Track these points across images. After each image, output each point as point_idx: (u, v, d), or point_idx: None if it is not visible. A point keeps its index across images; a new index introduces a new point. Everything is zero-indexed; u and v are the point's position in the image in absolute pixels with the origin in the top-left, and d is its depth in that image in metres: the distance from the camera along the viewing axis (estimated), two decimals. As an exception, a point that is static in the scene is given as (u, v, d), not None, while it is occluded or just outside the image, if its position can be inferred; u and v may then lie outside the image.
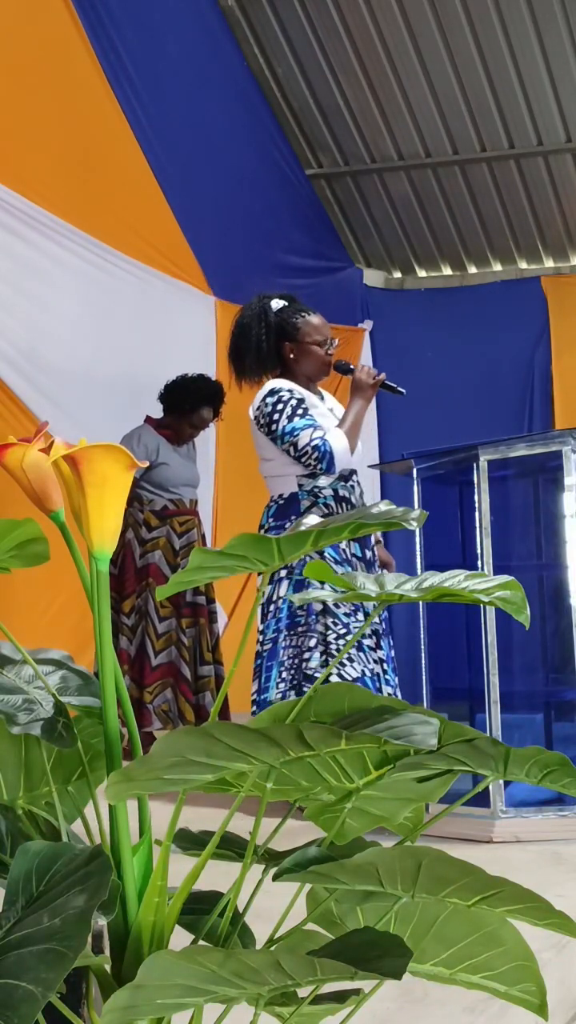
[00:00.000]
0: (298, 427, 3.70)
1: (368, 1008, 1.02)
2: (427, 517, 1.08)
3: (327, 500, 3.74)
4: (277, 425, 3.72)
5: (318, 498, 3.74)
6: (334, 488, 3.75)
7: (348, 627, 3.60)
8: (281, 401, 3.74)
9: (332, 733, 0.95)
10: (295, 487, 3.76)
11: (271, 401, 3.75)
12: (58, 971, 0.77)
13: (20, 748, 1.14)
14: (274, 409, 3.73)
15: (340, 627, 3.60)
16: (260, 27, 6.95)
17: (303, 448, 3.68)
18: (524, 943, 1.06)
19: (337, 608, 3.61)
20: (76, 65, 5.48)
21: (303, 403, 3.76)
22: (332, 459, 3.69)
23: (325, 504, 3.74)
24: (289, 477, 3.78)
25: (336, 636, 3.59)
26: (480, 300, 7.69)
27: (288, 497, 3.78)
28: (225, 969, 0.83)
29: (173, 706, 4.90)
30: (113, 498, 1.02)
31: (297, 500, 3.76)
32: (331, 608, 3.60)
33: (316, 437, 3.68)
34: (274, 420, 3.73)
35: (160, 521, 5.05)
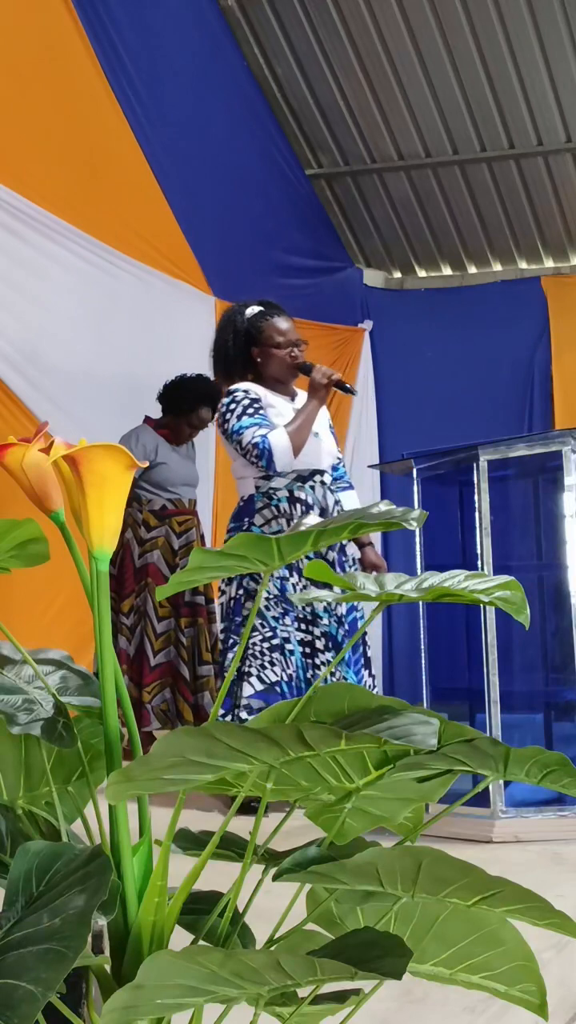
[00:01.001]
0: (244, 426, 3.75)
1: (368, 1008, 1.02)
2: (427, 517, 1.08)
3: (280, 502, 3.77)
4: (228, 424, 3.79)
5: (271, 500, 3.78)
6: (290, 489, 3.78)
7: (275, 631, 3.63)
8: (235, 401, 3.81)
9: (332, 733, 0.95)
10: (252, 488, 3.82)
11: (226, 402, 3.83)
12: (58, 971, 0.77)
13: (20, 748, 1.14)
14: (227, 409, 3.81)
15: (266, 630, 3.63)
16: (260, 27, 6.95)
17: (245, 446, 3.73)
18: (524, 943, 1.06)
19: (267, 611, 3.65)
20: (76, 65, 5.48)
21: (256, 403, 3.80)
22: (271, 456, 3.70)
23: (277, 507, 3.76)
24: (248, 479, 3.84)
25: (261, 639, 3.62)
26: (480, 300, 7.69)
27: (246, 499, 3.84)
28: (225, 969, 0.83)
29: (172, 706, 4.90)
30: (113, 498, 1.02)
31: (253, 501, 3.81)
32: (261, 610, 3.64)
33: (257, 435, 3.72)
34: (226, 419, 3.80)
35: (159, 521, 5.05)
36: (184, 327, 5.97)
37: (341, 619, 3.72)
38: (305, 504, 3.78)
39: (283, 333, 3.92)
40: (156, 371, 5.25)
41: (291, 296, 6.93)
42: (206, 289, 6.26)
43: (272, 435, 3.72)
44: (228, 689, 3.57)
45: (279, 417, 3.81)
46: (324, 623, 3.69)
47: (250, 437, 3.72)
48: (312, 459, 3.83)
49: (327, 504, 3.84)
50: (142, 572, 4.99)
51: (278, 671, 3.59)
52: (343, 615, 3.73)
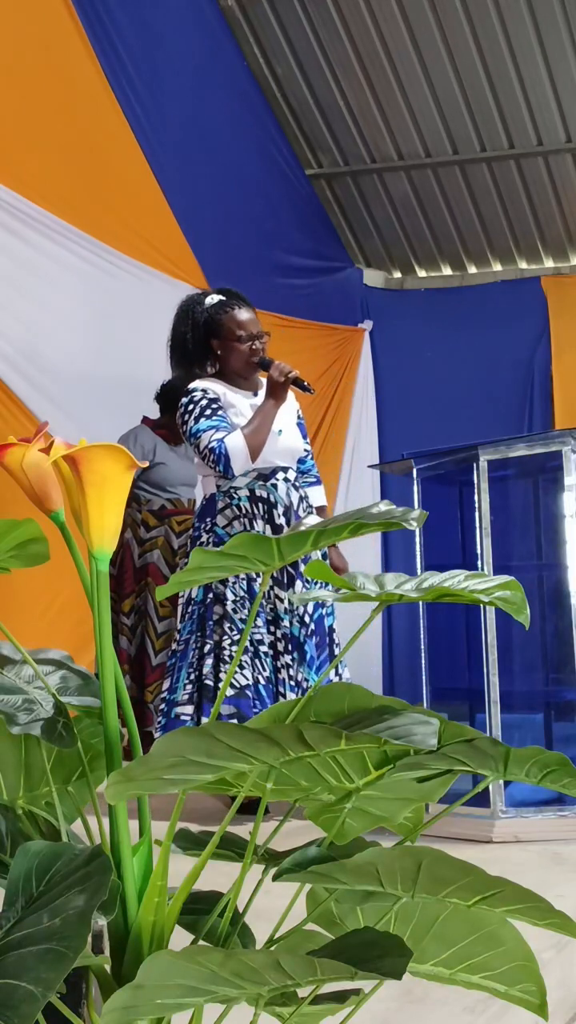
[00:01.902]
0: (201, 428, 3.66)
1: (368, 1008, 1.02)
2: (427, 517, 1.08)
3: (241, 501, 3.69)
4: (186, 426, 3.71)
5: (232, 499, 3.70)
6: (250, 488, 3.69)
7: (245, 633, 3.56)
8: (192, 402, 3.72)
9: (332, 733, 0.95)
10: (214, 488, 3.75)
11: (184, 402, 3.74)
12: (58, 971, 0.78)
13: (20, 748, 1.14)
14: (186, 410, 3.72)
15: (235, 633, 3.56)
16: (260, 27, 6.95)
17: (203, 450, 3.65)
18: (524, 943, 1.06)
19: (235, 614, 3.58)
20: (76, 65, 5.48)
21: (214, 403, 3.70)
22: (228, 461, 3.61)
23: (238, 506, 3.69)
24: (210, 478, 3.76)
25: (231, 642, 3.55)
26: (480, 300, 7.69)
27: (208, 498, 3.77)
28: (225, 969, 0.83)
29: None
30: (113, 498, 1.03)
31: (214, 501, 3.73)
32: (230, 613, 3.57)
33: (214, 440, 3.63)
34: (185, 422, 3.72)
35: (158, 521, 5.06)
36: (184, 327, 5.97)
37: (304, 620, 3.63)
38: (267, 503, 3.68)
39: (243, 326, 3.77)
40: (156, 371, 5.24)
41: (291, 296, 6.94)
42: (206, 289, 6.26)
43: (228, 439, 3.62)
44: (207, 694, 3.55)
45: (239, 417, 3.71)
46: (285, 624, 3.61)
47: (206, 441, 3.63)
48: (273, 456, 3.71)
49: (291, 501, 3.73)
50: (142, 572, 4.99)
51: (249, 674, 3.52)
52: (305, 615, 3.64)
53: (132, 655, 4.92)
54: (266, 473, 3.70)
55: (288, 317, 6.64)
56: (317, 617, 3.68)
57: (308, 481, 3.93)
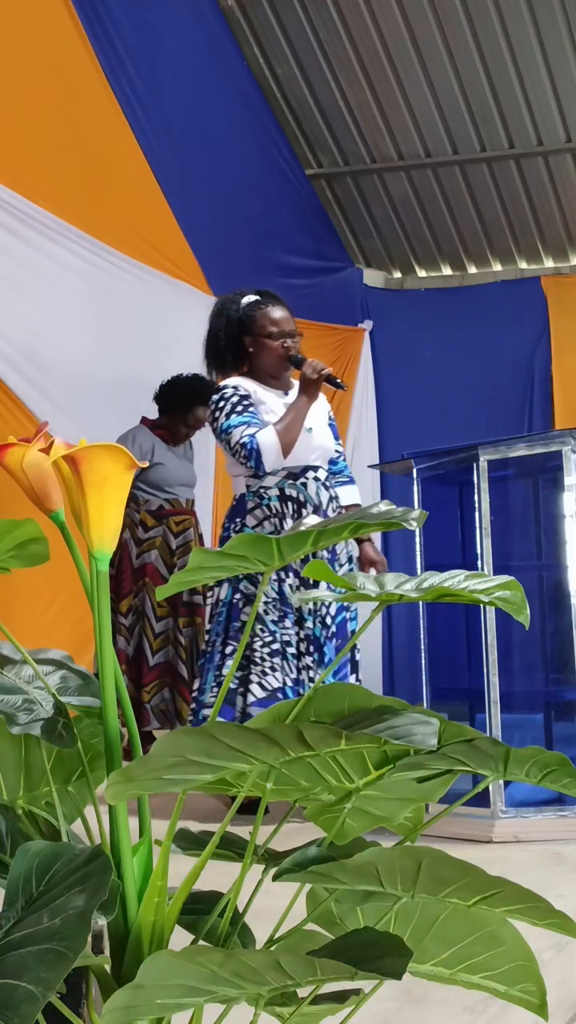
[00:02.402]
0: (232, 424, 3.66)
1: (368, 1008, 1.02)
2: (427, 517, 1.08)
3: (271, 501, 3.67)
4: (218, 423, 3.71)
5: (262, 499, 3.68)
6: (280, 487, 3.68)
7: (274, 635, 3.53)
8: (223, 399, 3.71)
9: (332, 733, 0.95)
10: (243, 487, 3.73)
11: (215, 399, 3.74)
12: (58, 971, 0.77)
13: (20, 748, 1.14)
14: (217, 407, 3.72)
15: (267, 635, 3.54)
16: (260, 27, 6.95)
17: (234, 446, 3.65)
18: (524, 943, 1.06)
19: (266, 615, 3.55)
20: (76, 65, 5.48)
21: (245, 400, 3.70)
22: (259, 457, 3.61)
23: (268, 506, 3.67)
24: (239, 478, 3.75)
25: (262, 644, 3.53)
26: (480, 300, 7.69)
27: (238, 498, 3.75)
28: (225, 969, 0.83)
29: (171, 706, 4.91)
30: (113, 498, 1.03)
31: (244, 501, 3.72)
32: (260, 615, 3.54)
33: (245, 435, 3.62)
34: (216, 418, 3.71)
35: (156, 521, 5.06)
36: (184, 327, 5.96)
37: (326, 621, 3.62)
38: (296, 502, 3.67)
39: (276, 323, 3.78)
40: (156, 371, 5.25)
41: (291, 296, 6.88)
42: (206, 289, 6.26)
43: (260, 434, 3.62)
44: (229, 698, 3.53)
45: (270, 414, 3.71)
46: (308, 626, 3.59)
47: (238, 436, 3.63)
48: (303, 455, 3.70)
49: (321, 501, 3.72)
50: (140, 572, 4.99)
51: (280, 676, 3.49)
52: (327, 617, 3.63)
53: (130, 655, 4.92)
54: (296, 472, 3.69)
55: (288, 317, 6.63)
56: (340, 620, 3.67)
57: (341, 481, 3.91)
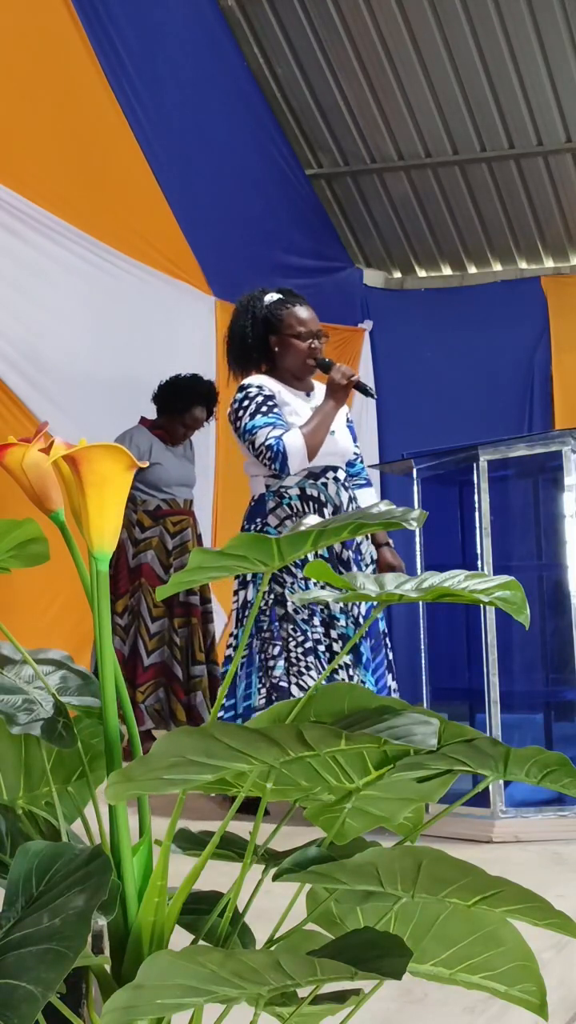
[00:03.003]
0: (257, 425, 3.61)
1: (368, 1008, 1.02)
2: (427, 517, 1.08)
3: (292, 500, 3.65)
4: (241, 423, 3.65)
5: (283, 499, 3.65)
6: (301, 487, 3.66)
7: (306, 634, 3.52)
8: (248, 398, 3.67)
9: (332, 733, 0.95)
10: (263, 488, 3.70)
11: (239, 398, 3.69)
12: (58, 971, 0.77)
13: (20, 748, 1.14)
14: (240, 406, 3.67)
15: (299, 634, 3.52)
16: (260, 27, 6.95)
17: (259, 447, 3.60)
18: (524, 943, 1.06)
19: (296, 615, 3.53)
20: (76, 65, 5.48)
21: (270, 400, 3.66)
22: (285, 460, 3.58)
23: (289, 505, 3.65)
24: (259, 478, 3.71)
25: (296, 644, 3.51)
26: (480, 300, 7.69)
27: (258, 498, 3.72)
28: (225, 969, 0.83)
29: (165, 706, 4.91)
30: (113, 498, 1.03)
31: (264, 501, 3.68)
32: (291, 614, 3.53)
33: (272, 437, 3.58)
34: (239, 417, 3.66)
35: (153, 521, 5.06)
36: (184, 327, 5.97)
37: (358, 620, 3.60)
38: (317, 502, 3.66)
39: (304, 323, 3.76)
40: (156, 371, 5.25)
41: (291, 296, 6.94)
42: (206, 289, 6.26)
43: (287, 437, 3.59)
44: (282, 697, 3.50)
45: (294, 416, 3.68)
46: (341, 624, 3.57)
47: (263, 438, 3.59)
48: (324, 457, 3.69)
49: (341, 501, 3.70)
50: (136, 573, 4.99)
51: (315, 675, 3.48)
52: (360, 616, 3.61)
53: (125, 655, 4.92)
54: (316, 472, 3.67)
55: (288, 317, 6.63)
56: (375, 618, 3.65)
57: (358, 483, 3.90)
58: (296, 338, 3.74)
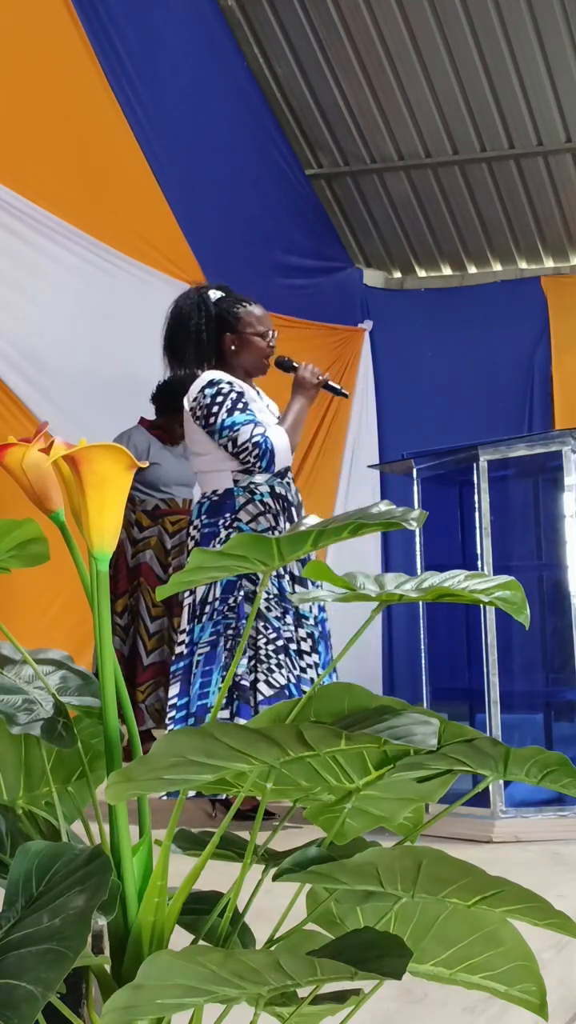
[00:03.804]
0: (238, 422, 3.58)
1: (368, 1008, 1.02)
2: (427, 517, 1.08)
3: (263, 497, 3.63)
4: (216, 418, 3.60)
5: (254, 495, 3.63)
6: (270, 485, 3.65)
7: (279, 632, 3.51)
8: (220, 393, 3.62)
9: (332, 733, 0.95)
10: (230, 483, 3.65)
11: (210, 393, 3.62)
12: (58, 971, 0.77)
13: (20, 748, 1.14)
14: (213, 401, 3.61)
15: (271, 632, 3.51)
16: (260, 27, 6.95)
17: (243, 444, 3.57)
18: (524, 943, 1.06)
19: (268, 612, 3.53)
20: (76, 65, 5.48)
21: (243, 397, 3.64)
22: (272, 457, 3.58)
23: (261, 501, 3.63)
24: (224, 473, 3.66)
25: (266, 641, 3.50)
26: (480, 300, 7.69)
27: (223, 493, 3.66)
28: (225, 969, 0.83)
29: (165, 705, 4.91)
30: (113, 498, 1.03)
31: (232, 496, 3.64)
32: (263, 612, 3.51)
33: (257, 433, 3.57)
34: (212, 413, 3.60)
35: (152, 521, 5.06)
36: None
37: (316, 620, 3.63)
38: (285, 500, 3.66)
39: (261, 321, 3.75)
40: (155, 371, 5.23)
41: (291, 296, 6.94)
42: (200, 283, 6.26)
43: (272, 435, 3.59)
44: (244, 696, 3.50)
45: (261, 413, 3.67)
46: (309, 623, 3.59)
47: (248, 435, 3.56)
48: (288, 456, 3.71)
49: (299, 500, 3.75)
50: (135, 572, 4.99)
51: (285, 673, 3.48)
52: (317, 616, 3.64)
53: (125, 655, 4.92)
54: (281, 471, 3.68)
55: (288, 317, 6.63)
56: (322, 619, 3.67)
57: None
58: (257, 336, 3.73)
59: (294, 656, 3.55)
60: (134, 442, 5.08)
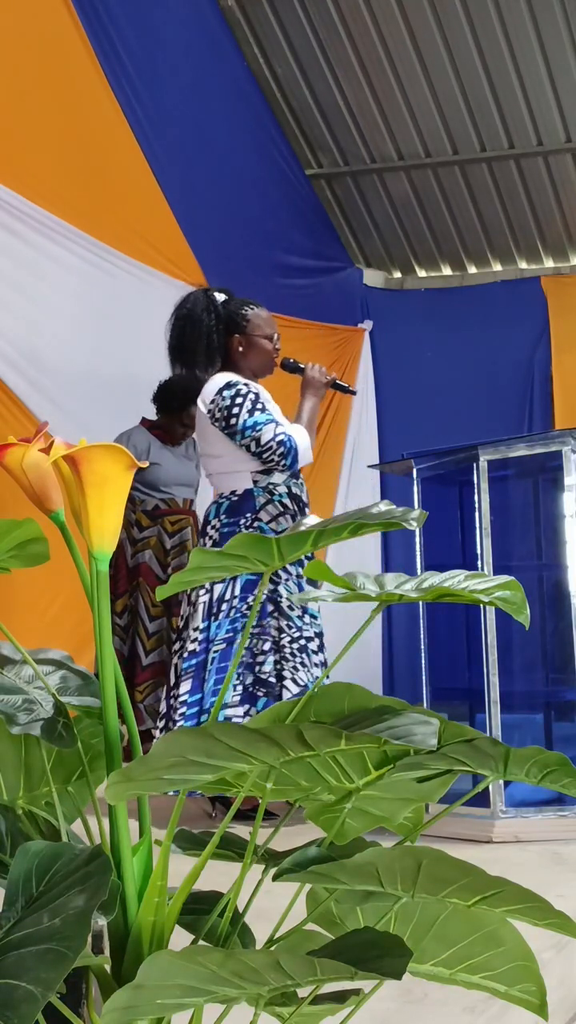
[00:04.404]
0: (260, 422, 3.62)
1: (368, 1008, 1.02)
2: (427, 517, 1.08)
3: (281, 497, 3.68)
4: (237, 420, 3.63)
5: (273, 495, 3.67)
6: (287, 485, 3.70)
7: (300, 630, 3.55)
8: (239, 395, 3.66)
9: (332, 733, 0.95)
10: (249, 483, 3.69)
11: (229, 395, 3.66)
12: (58, 971, 0.77)
13: (20, 748, 1.14)
14: (232, 403, 3.65)
15: (294, 630, 3.55)
16: (260, 27, 6.95)
17: (266, 443, 3.61)
18: (524, 943, 1.06)
19: (291, 611, 3.56)
20: (76, 65, 5.48)
21: (260, 397, 3.69)
22: (296, 455, 3.63)
23: (280, 501, 3.67)
24: (243, 473, 3.70)
25: (290, 640, 3.53)
26: (480, 300, 7.69)
27: (242, 494, 3.69)
28: (225, 969, 0.83)
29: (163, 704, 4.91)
30: (113, 498, 1.03)
31: (252, 497, 3.68)
32: (284, 610, 3.55)
33: (280, 432, 3.62)
34: (233, 414, 3.64)
35: (151, 521, 5.06)
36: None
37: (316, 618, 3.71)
38: (300, 501, 3.72)
39: (269, 323, 3.83)
40: (156, 371, 5.24)
41: (291, 296, 6.94)
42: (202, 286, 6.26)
43: (295, 434, 3.65)
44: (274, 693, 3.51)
45: (278, 413, 3.74)
46: (318, 623, 3.66)
47: (271, 434, 3.61)
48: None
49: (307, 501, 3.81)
50: (134, 572, 4.99)
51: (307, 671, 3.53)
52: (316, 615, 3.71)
53: (125, 655, 4.92)
54: (296, 472, 3.75)
55: (288, 317, 6.63)
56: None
57: None
58: (264, 339, 3.79)
59: (311, 654, 3.60)
60: (134, 442, 5.08)
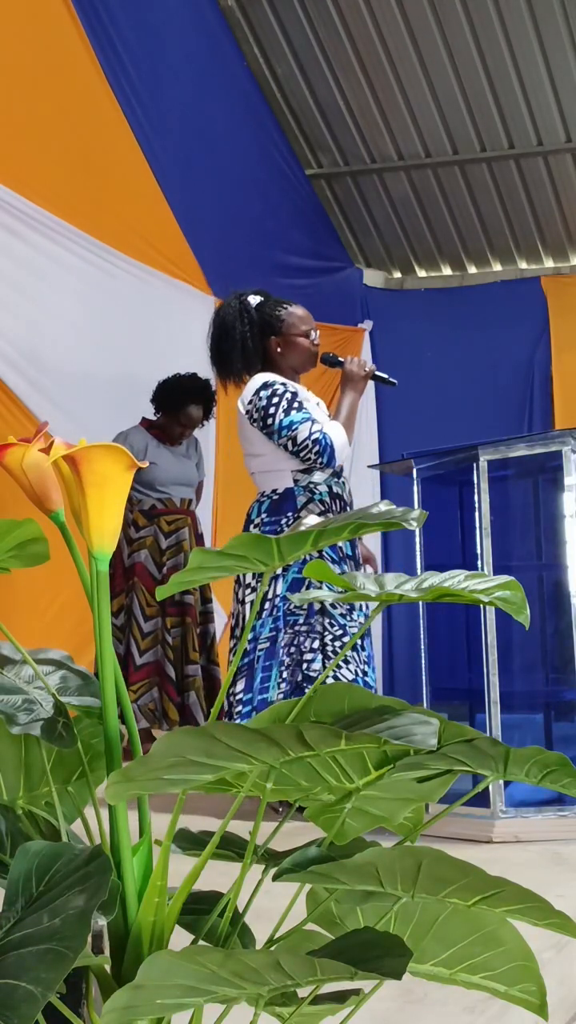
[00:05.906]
0: (296, 420, 3.64)
1: (368, 1008, 1.02)
2: (427, 517, 1.07)
3: (322, 496, 3.70)
4: (274, 419, 3.66)
5: (314, 494, 3.69)
6: (328, 484, 3.71)
7: (344, 628, 3.57)
8: (276, 395, 3.68)
9: (332, 733, 0.95)
10: (290, 482, 3.71)
11: (265, 395, 3.69)
12: (58, 971, 0.77)
13: (20, 748, 1.14)
14: (269, 403, 3.68)
15: (336, 628, 3.57)
16: (260, 27, 6.95)
17: (303, 442, 3.63)
18: (524, 943, 1.06)
19: (334, 608, 3.58)
20: (76, 65, 5.48)
21: (297, 396, 3.71)
22: (332, 453, 3.65)
23: (321, 500, 3.69)
24: (284, 472, 3.72)
25: (333, 637, 3.56)
26: (480, 300, 7.69)
27: (283, 493, 3.72)
28: (225, 969, 0.83)
29: (158, 705, 4.91)
30: (113, 498, 1.03)
31: (293, 496, 3.70)
32: (328, 608, 3.57)
33: (316, 430, 3.64)
34: (270, 414, 3.67)
35: (148, 521, 5.05)
36: (184, 327, 5.97)
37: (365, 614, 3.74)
38: (341, 499, 3.74)
39: (305, 320, 3.84)
40: (155, 371, 5.25)
41: (291, 296, 6.91)
42: (206, 289, 6.26)
43: (331, 432, 3.65)
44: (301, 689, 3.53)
45: (315, 411, 3.74)
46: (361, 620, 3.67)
47: (308, 432, 3.62)
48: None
49: (352, 501, 3.81)
50: (130, 572, 4.99)
51: (353, 668, 3.55)
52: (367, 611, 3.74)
53: (121, 655, 4.92)
54: (337, 471, 3.75)
55: (288, 317, 6.63)
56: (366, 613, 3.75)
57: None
58: (301, 336, 3.81)
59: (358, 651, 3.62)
60: (131, 442, 5.08)
